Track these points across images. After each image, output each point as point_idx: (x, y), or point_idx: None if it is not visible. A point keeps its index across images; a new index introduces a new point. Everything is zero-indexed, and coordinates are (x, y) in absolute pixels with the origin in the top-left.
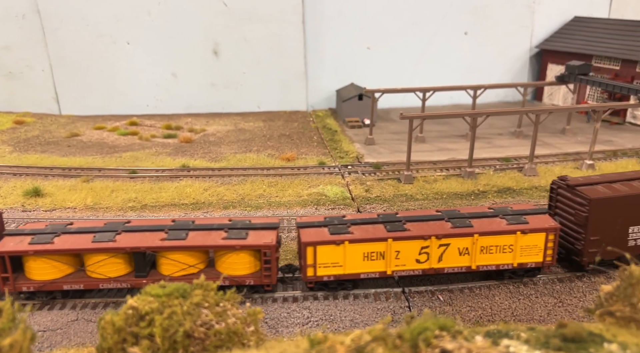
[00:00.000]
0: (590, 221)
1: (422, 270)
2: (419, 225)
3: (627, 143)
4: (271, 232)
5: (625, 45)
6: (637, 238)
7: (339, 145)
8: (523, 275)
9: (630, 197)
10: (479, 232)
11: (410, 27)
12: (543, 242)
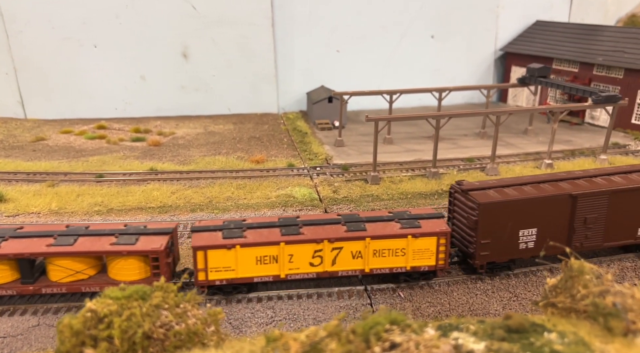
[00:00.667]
0: (480, 225)
1: (316, 273)
2: (314, 229)
3: (585, 142)
4: (162, 237)
5: (583, 49)
6: (528, 241)
7: (308, 147)
8: (418, 279)
9: (519, 202)
10: (371, 236)
11: (378, 30)
12: (435, 245)
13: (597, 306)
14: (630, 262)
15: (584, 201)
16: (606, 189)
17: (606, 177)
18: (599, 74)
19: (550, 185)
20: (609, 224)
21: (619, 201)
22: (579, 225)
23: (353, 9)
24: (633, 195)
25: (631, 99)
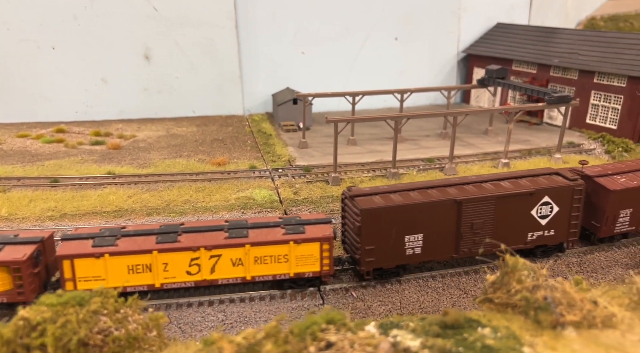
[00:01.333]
0: (363, 231)
1: (194, 282)
2: (193, 236)
3: (542, 142)
4: (28, 247)
5: (541, 51)
6: (414, 247)
7: (272, 149)
8: (304, 285)
9: (403, 207)
10: (251, 243)
11: (343, 32)
12: (318, 251)
13: (528, 300)
14: (576, 258)
15: (469, 206)
16: (491, 194)
17: (495, 182)
18: (555, 75)
19: (437, 191)
20: (497, 229)
21: (505, 206)
22: (466, 231)
23: (317, 11)
24: (519, 200)
25: (585, 99)
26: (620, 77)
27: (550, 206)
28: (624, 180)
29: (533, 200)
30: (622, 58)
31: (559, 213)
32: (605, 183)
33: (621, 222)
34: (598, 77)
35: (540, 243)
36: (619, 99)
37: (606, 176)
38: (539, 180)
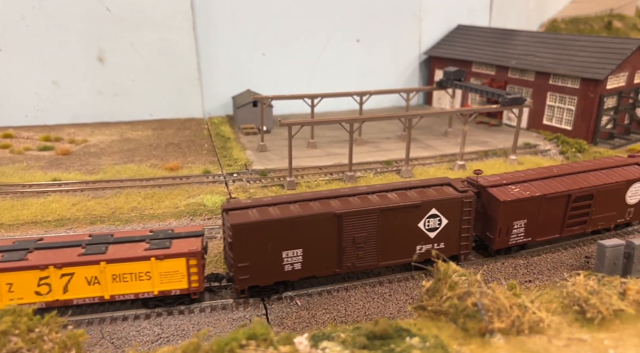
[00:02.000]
0: (235, 247)
1: (45, 303)
2: (45, 254)
3: (500, 143)
4: None
5: (500, 52)
6: (293, 262)
7: (229, 152)
8: (173, 303)
9: (278, 222)
10: (107, 260)
11: (304, 34)
12: (185, 267)
13: (457, 308)
14: (523, 260)
15: (350, 220)
16: (373, 207)
17: (382, 194)
18: (513, 77)
19: (319, 203)
20: (382, 243)
21: (390, 219)
22: (348, 245)
23: (277, 12)
24: (405, 213)
25: (542, 100)
26: (574, 79)
27: (438, 218)
28: (518, 190)
29: (419, 212)
30: (575, 60)
31: (448, 225)
32: (496, 194)
33: (516, 234)
34: (553, 78)
35: (430, 257)
36: (574, 100)
37: (500, 186)
38: (428, 192)
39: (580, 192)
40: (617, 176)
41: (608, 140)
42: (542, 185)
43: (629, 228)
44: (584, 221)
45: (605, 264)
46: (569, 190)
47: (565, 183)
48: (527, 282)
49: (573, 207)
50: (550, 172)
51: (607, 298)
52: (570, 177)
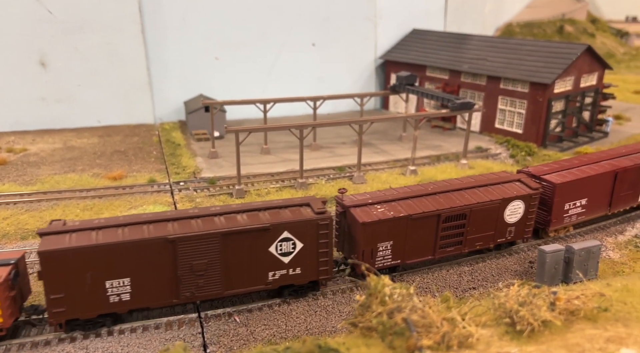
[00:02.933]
0: (45, 277)
1: None
2: None
3: (453, 147)
4: None
5: (453, 57)
6: (119, 293)
7: (178, 160)
8: None
9: (97, 248)
10: None
11: (258, 37)
12: None
13: (384, 325)
14: (468, 267)
15: (186, 246)
16: (213, 232)
17: (230, 216)
18: (466, 81)
19: (152, 227)
20: (228, 269)
21: (236, 244)
22: (186, 273)
23: (229, 16)
24: (253, 237)
25: (493, 104)
26: (523, 83)
27: (292, 242)
28: (383, 210)
29: (270, 236)
30: (524, 64)
31: (304, 249)
32: (358, 215)
33: (382, 256)
34: (504, 82)
35: (286, 283)
36: (523, 104)
37: (364, 206)
38: (282, 213)
39: (450, 211)
40: (493, 194)
41: (557, 143)
42: (410, 205)
43: (562, 234)
44: (458, 242)
45: (546, 269)
46: (439, 209)
47: (437, 202)
48: (472, 289)
49: (444, 227)
50: (423, 190)
51: (536, 309)
52: (444, 196)
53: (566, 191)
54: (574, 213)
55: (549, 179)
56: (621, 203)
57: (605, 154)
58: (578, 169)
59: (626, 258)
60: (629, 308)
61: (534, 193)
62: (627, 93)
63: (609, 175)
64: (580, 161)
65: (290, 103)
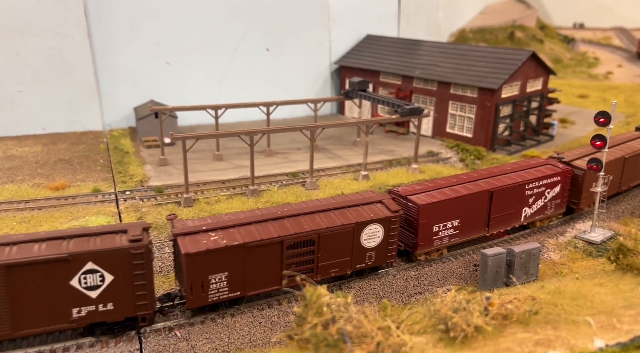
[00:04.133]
0: None
1: None
2: None
3: (405, 152)
4: None
5: (405, 62)
6: None
7: (126, 168)
8: None
9: None
10: None
11: (211, 42)
12: None
13: (317, 337)
14: (414, 271)
15: None
16: None
17: (25, 245)
18: (418, 86)
19: None
20: (18, 307)
21: (27, 278)
22: None
23: (180, 20)
24: (47, 270)
25: (444, 109)
26: (472, 88)
27: (99, 274)
28: (217, 238)
29: (71, 267)
30: (473, 70)
31: (115, 282)
32: (183, 244)
33: (216, 289)
34: (454, 88)
35: (97, 321)
36: (473, 109)
37: (194, 233)
38: (89, 242)
39: (295, 237)
40: (348, 217)
41: (505, 146)
42: (251, 231)
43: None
44: (309, 269)
45: (489, 272)
46: (281, 236)
47: (282, 228)
48: (417, 294)
49: (290, 254)
50: (271, 214)
51: (469, 315)
52: (293, 220)
53: (433, 212)
54: (446, 236)
55: (414, 200)
56: (501, 224)
57: (485, 172)
58: (451, 188)
59: (566, 259)
60: (559, 310)
61: (393, 217)
62: (572, 97)
63: (484, 195)
64: (457, 180)
65: (246, 108)
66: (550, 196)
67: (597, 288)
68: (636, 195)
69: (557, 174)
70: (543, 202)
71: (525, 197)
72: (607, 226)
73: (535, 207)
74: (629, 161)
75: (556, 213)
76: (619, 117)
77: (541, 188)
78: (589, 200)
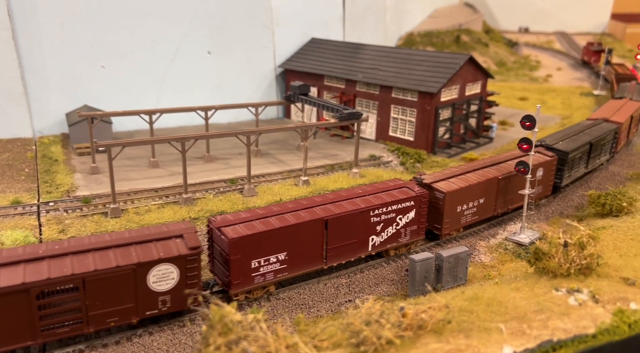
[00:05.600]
0: None
1: None
2: None
3: (348, 156)
4: None
5: (349, 66)
6: None
7: (53, 177)
8: None
9: None
10: None
11: (149, 45)
12: None
13: None
14: (345, 279)
15: None
16: None
17: None
18: (361, 90)
19: None
20: None
21: None
22: None
23: (115, 22)
24: None
25: (386, 113)
26: (412, 92)
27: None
28: None
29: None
30: (414, 74)
31: None
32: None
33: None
34: (395, 91)
35: None
36: (414, 112)
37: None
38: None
39: (49, 284)
40: (130, 257)
41: (446, 149)
42: None
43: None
44: (77, 319)
45: (417, 278)
46: (26, 283)
47: (35, 272)
48: (348, 302)
49: (44, 304)
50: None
51: (380, 328)
52: (56, 261)
53: (248, 246)
54: (270, 271)
55: (227, 232)
56: (343, 255)
57: (332, 196)
58: (278, 217)
59: (495, 261)
60: (473, 318)
61: (189, 255)
62: (513, 99)
63: (317, 224)
64: (295, 205)
65: (188, 113)
66: (403, 222)
67: (513, 293)
68: (566, 195)
69: (411, 198)
70: (395, 229)
71: (372, 224)
72: (536, 227)
73: (386, 234)
74: (502, 182)
75: (414, 241)
76: (555, 119)
77: (391, 214)
78: (453, 225)
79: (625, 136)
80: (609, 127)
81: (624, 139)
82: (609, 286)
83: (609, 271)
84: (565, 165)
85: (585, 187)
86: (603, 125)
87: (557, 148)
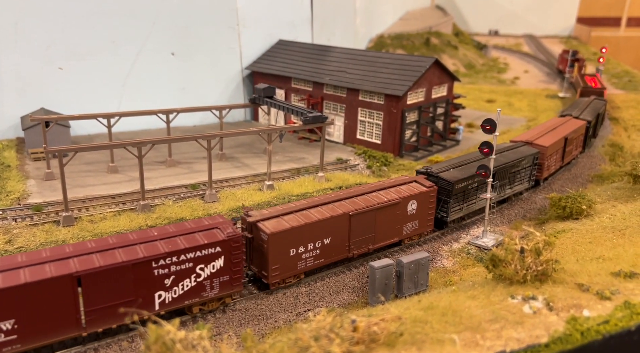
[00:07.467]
0: None
1: None
2: None
3: (316, 159)
4: None
5: (316, 68)
6: None
7: (4, 183)
8: None
9: None
10: None
11: (109, 46)
12: None
13: None
14: (306, 287)
15: None
16: None
17: None
18: (328, 93)
19: None
20: None
21: None
22: None
23: (73, 22)
24: None
25: (354, 116)
26: (379, 95)
27: None
28: None
29: None
30: (380, 76)
31: None
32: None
33: None
34: (362, 94)
35: None
36: (380, 115)
37: None
38: None
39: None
40: None
41: (413, 152)
42: None
43: (396, 247)
44: None
45: (377, 285)
46: None
47: None
48: (307, 312)
49: None
50: None
51: (328, 344)
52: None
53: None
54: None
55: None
56: (109, 318)
57: (103, 243)
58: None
59: (458, 266)
60: (427, 329)
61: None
62: (481, 102)
63: (65, 281)
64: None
65: (150, 116)
66: (207, 273)
67: (469, 302)
68: (528, 198)
69: (217, 243)
70: (195, 281)
71: (157, 277)
72: (499, 230)
73: (180, 289)
74: (357, 218)
75: (227, 294)
76: (521, 121)
77: (185, 264)
78: (287, 271)
79: (558, 159)
80: (528, 152)
81: (556, 163)
82: (564, 292)
83: (565, 277)
84: (452, 196)
85: (547, 190)
86: (521, 149)
87: (443, 177)
